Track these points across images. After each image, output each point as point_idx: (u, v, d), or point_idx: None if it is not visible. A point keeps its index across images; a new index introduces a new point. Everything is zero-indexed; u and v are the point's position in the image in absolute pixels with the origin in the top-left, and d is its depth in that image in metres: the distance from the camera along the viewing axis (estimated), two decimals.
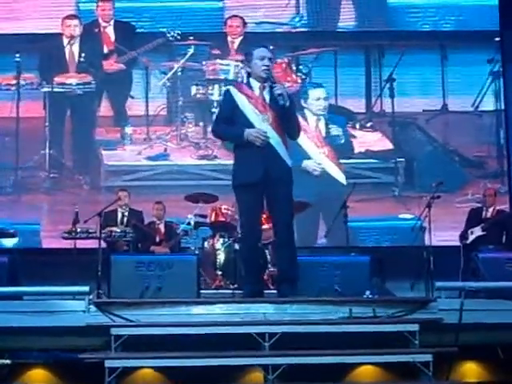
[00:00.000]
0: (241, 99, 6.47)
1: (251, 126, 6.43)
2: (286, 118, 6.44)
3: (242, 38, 10.88)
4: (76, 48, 10.88)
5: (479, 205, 9.63)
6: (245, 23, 10.87)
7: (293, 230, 6.54)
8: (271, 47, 10.26)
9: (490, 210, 9.33)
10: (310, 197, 9.50)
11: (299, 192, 6.80)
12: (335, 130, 10.72)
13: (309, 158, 10.57)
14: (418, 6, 11.01)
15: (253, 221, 6.52)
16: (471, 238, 9.11)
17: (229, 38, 10.92)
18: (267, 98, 6.46)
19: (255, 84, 6.49)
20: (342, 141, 10.72)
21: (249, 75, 6.57)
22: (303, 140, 10.18)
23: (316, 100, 10.68)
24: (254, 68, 6.48)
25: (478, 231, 9.11)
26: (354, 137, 10.85)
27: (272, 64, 6.50)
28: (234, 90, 6.57)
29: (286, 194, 6.48)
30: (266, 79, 6.44)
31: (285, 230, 6.49)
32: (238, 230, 8.89)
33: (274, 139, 6.41)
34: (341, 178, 10.60)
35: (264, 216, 7.28)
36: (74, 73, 10.83)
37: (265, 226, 7.87)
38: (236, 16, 10.91)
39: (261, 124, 6.42)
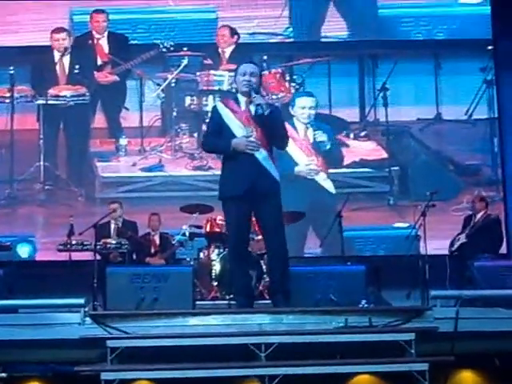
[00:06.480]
0: (226, 114, 6.56)
1: None
2: (271, 129, 6.47)
3: (233, 47, 10.91)
4: (67, 60, 10.89)
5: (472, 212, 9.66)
6: (234, 33, 10.89)
7: (284, 241, 6.53)
8: (264, 57, 10.57)
9: (478, 215, 9.35)
10: (300, 206, 9.50)
11: (289, 202, 6.80)
12: (322, 139, 10.72)
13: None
14: (410, 15, 11.05)
15: (239, 233, 6.54)
16: (456, 245, 9.14)
17: (219, 49, 10.95)
18: (253, 111, 6.51)
19: (242, 98, 6.59)
20: (330, 150, 10.72)
21: (236, 90, 6.71)
22: (293, 149, 10.21)
23: (301, 108, 10.70)
24: (237, 83, 6.64)
25: (463, 238, 9.13)
26: (347, 146, 10.87)
27: (255, 78, 6.53)
28: (220, 105, 6.68)
29: (274, 206, 6.49)
30: (249, 93, 6.50)
31: (274, 242, 6.52)
32: None
33: (260, 153, 6.45)
34: (330, 187, 10.62)
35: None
36: (65, 85, 10.85)
37: (259, 237, 7.89)
38: (225, 26, 10.94)
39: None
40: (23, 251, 10.37)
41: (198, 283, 8.30)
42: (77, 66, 10.89)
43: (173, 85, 10.83)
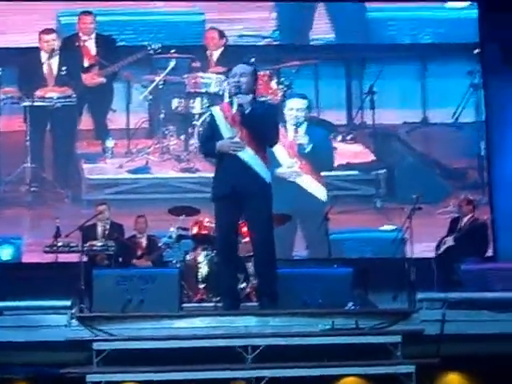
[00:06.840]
0: (219, 117, 6.64)
1: None
2: (255, 127, 6.49)
3: (221, 50, 10.91)
4: (55, 62, 10.86)
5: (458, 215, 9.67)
6: (222, 36, 10.90)
7: (271, 244, 6.55)
8: (252, 60, 10.55)
9: (465, 219, 9.36)
10: (286, 209, 9.48)
11: (274, 203, 6.78)
12: (302, 142, 10.71)
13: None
14: (397, 18, 11.08)
15: (227, 235, 6.58)
16: (443, 248, 9.15)
17: (208, 51, 10.95)
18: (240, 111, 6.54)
19: (234, 100, 6.63)
20: (315, 153, 10.71)
21: (223, 92, 6.85)
22: (278, 150, 10.20)
23: (289, 110, 10.71)
24: (229, 85, 6.76)
25: (450, 241, 9.15)
26: (335, 149, 10.88)
27: (245, 78, 6.59)
28: (214, 109, 6.79)
29: (261, 208, 6.51)
30: (237, 94, 6.55)
31: (260, 244, 6.55)
32: None
33: (246, 153, 6.47)
34: (316, 189, 10.62)
35: (245, 229, 7.29)
36: (53, 86, 10.82)
37: (246, 239, 7.88)
38: (213, 28, 10.94)
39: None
40: (5, 253, 10.32)
41: (184, 285, 8.29)
42: (63, 68, 10.85)
43: (160, 87, 10.81)
